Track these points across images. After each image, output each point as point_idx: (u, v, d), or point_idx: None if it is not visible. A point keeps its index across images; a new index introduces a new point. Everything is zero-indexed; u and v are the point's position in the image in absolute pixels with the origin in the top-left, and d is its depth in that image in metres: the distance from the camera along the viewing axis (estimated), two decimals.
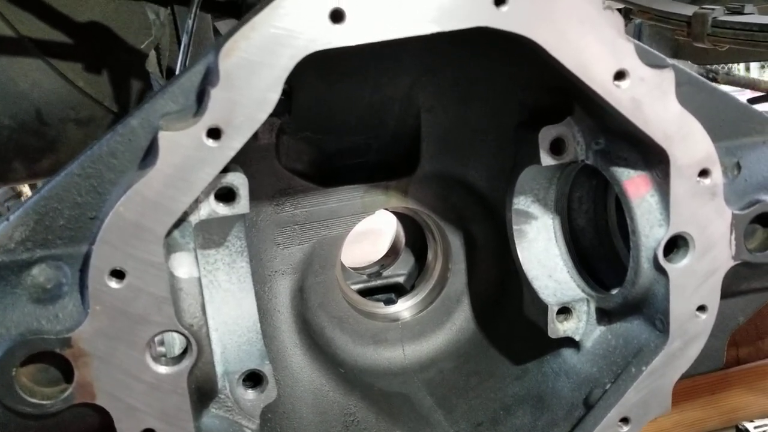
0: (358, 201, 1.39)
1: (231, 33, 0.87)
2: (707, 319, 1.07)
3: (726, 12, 2.38)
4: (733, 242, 1.05)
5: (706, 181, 1.02)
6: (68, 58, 1.79)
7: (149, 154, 0.88)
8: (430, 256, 1.57)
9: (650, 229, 1.04)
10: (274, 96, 0.86)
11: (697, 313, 1.06)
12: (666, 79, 0.97)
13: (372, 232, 2.13)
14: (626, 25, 2.96)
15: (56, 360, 0.89)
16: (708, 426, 2.96)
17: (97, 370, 0.89)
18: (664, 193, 1.02)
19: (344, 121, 1.33)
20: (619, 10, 2.87)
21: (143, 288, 0.88)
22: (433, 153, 1.37)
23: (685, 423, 2.86)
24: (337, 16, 0.86)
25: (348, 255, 1.55)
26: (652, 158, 1.02)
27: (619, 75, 0.95)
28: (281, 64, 0.85)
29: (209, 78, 0.87)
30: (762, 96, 2.52)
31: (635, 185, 1.04)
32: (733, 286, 1.11)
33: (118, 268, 0.87)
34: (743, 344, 3.12)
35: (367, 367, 1.46)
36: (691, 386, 2.86)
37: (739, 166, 1.08)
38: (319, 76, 1.22)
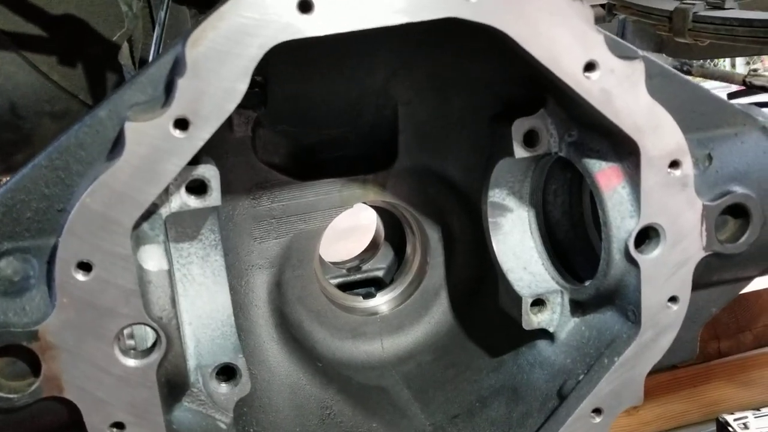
0: (336, 195, 1.38)
1: (199, 23, 0.86)
2: (679, 310, 1.08)
3: (707, 7, 2.40)
4: (704, 233, 1.06)
5: (677, 172, 1.02)
6: (43, 51, 1.78)
7: (116, 145, 0.88)
8: (408, 249, 1.57)
9: (621, 220, 1.04)
10: (242, 86, 0.86)
11: (669, 304, 1.07)
12: (636, 70, 0.97)
13: (360, 227, 2.13)
14: (610, 21, 2.98)
15: (23, 353, 0.88)
16: (689, 419, 2.98)
17: (64, 363, 0.89)
18: (635, 185, 1.02)
19: (321, 114, 1.33)
20: (603, 6, 2.88)
21: (110, 280, 0.87)
22: (411, 146, 1.37)
23: (666, 416, 2.88)
24: (305, 5, 0.86)
25: (335, 251, 1.54)
26: (623, 150, 1.02)
27: (589, 66, 0.95)
28: (249, 54, 0.85)
29: (177, 68, 0.86)
30: (742, 90, 2.53)
31: (606, 177, 1.04)
32: (704, 277, 1.12)
33: (85, 261, 0.86)
34: (724, 337, 3.15)
35: (345, 360, 1.46)
36: (673, 379, 2.88)
37: (710, 158, 1.09)
38: (294, 68, 1.21)
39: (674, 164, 1.01)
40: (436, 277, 1.51)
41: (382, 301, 1.55)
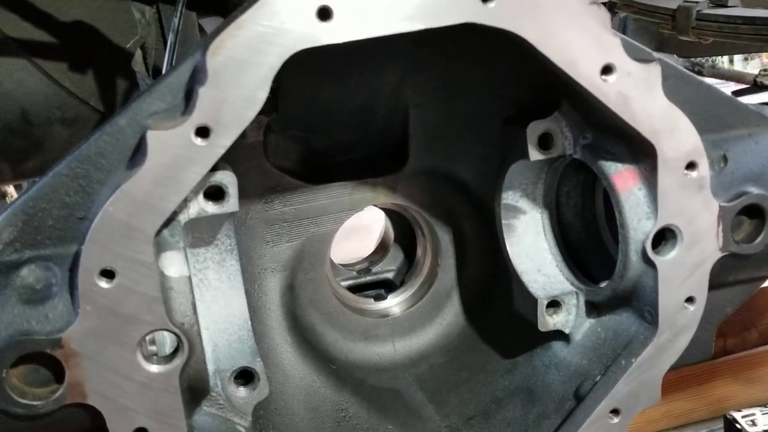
0: (347, 198, 1.39)
1: (218, 31, 0.87)
2: (695, 311, 1.08)
3: (710, 5, 2.40)
4: (721, 234, 1.06)
5: (693, 173, 1.02)
6: (53, 57, 1.78)
7: (137, 153, 0.88)
8: (419, 251, 1.58)
9: (638, 222, 1.05)
10: (262, 94, 0.86)
11: (686, 304, 1.07)
12: (653, 73, 0.98)
13: (362, 228, 2.13)
14: (611, 19, 2.98)
15: (47, 361, 0.89)
16: (696, 416, 2.99)
17: (88, 370, 0.89)
18: (652, 187, 1.03)
19: (332, 119, 1.33)
20: (604, 3, 2.88)
21: (133, 288, 0.88)
22: (422, 149, 1.37)
23: (673, 414, 2.89)
24: (324, 13, 0.86)
25: (336, 252, 1.55)
26: (640, 152, 1.03)
27: (606, 69, 0.95)
28: (269, 63, 0.85)
29: (197, 77, 0.86)
30: (747, 88, 2.53)
31: (623, 179, 1.05)
32: (720, 277, 1.12)
33: (107, 268, 0.87)
34: (730, 335, 3.15)
35: (357, 363, 1.46)
36: (679, 377, 2.89)
37: (725, 159, 1.09)
38: (306, 73, 1.21)
39: (691, 166, 1.02)
40: (447, 278, 1.51)
41: (393, 303, 1.55)
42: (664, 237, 1.05)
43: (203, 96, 0.84)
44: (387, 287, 1.61)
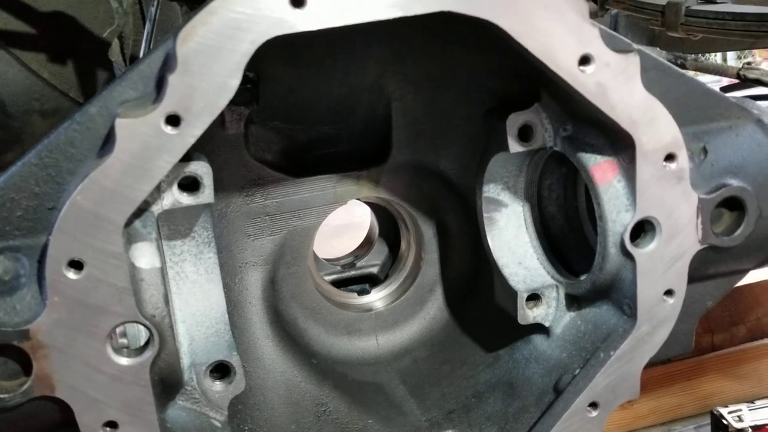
0: (330, 191, 1.38)
1: (190, 18, 0.85)
2: (674, 304, 1.07)
3: (699, 1, 2.40)
4: (700, 226, 1.06)
5: (672, 165, 1.02)
6: (32, 48, 1.76)
7: (107, 142, 0.87)
8: (403, 245, 1.57)
9: (617, 214, 1.04)
10: (234, 82, 0.85)
11: (665, 297, 1.07)
12: (631, 63, 0.97)
13: (353, 225, 2.12)
14: (602, 16, 2.98)
15: (14, 353, 0.88)
16: (684, 412, 2.99)
17: (56, 362, 0.88)
18: (631, 178, 1.02)
19: (314, 111, 1.32)
20: (595, 0, 2.88)
21: (102, 278, 0.86)
22: (405, 142, 1.36)
23: (661, 409, 2.89)
24: (298, 0, 0.85)
25: (328, 249, 1.54)
26: (619, 143, 1.02)
27: (584, 60, 0.94)
28: (241, 50, 0.84)
29: (168, 64, 0.85)
30: (736, 84, 2.53)
31: (602, 171, 1.04)
32: (700, 270, 1.11)
33: (76, 259, 0.85)
34: (718, 331, 3.15)
35: (340, 357, 1.45)
36: (667, 373, 2.89)
37: (705, 151, 1.09)
38: (286, 64, 1.20)
39: (669, 157, 1.01)
40: (430, 272, 1.50)
41: (376, 298, 1.54)
42: (642, 229, 1.04)
43: (173, 83, 0.83)
44: (371, 282, 1.60)
